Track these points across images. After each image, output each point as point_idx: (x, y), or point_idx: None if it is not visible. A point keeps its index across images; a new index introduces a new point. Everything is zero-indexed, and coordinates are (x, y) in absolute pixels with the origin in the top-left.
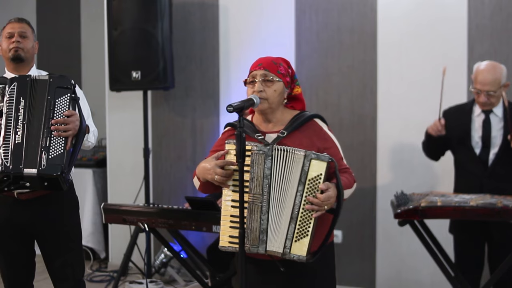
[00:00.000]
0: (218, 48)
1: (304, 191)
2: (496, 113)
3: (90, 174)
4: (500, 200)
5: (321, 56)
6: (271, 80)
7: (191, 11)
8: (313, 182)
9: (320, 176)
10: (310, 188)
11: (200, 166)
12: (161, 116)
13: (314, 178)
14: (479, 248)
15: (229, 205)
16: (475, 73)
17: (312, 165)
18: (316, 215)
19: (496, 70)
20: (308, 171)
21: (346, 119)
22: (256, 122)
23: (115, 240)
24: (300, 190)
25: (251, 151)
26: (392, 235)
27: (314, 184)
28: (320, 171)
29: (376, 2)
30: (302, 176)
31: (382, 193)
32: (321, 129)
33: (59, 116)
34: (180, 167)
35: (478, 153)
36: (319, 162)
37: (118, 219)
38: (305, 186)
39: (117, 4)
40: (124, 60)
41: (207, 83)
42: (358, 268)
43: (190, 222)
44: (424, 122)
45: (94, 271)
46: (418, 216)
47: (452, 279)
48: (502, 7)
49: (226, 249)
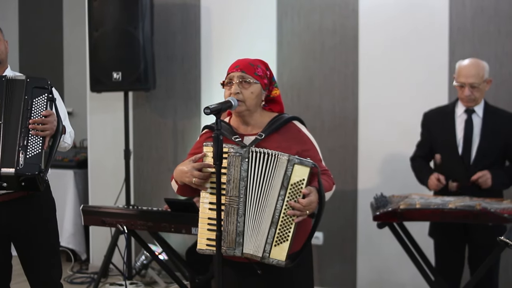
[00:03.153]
0: (200, 49)
1: (286, 196)
2: (478, 113)
3: (71, 175)
4: (479, 203)
5: (303, 58)
6: (248, 82)
7: (173, 12)
8: (295, 187)
9: (302, 181)
10: (292, 193)
11: (178, 169)
12: (142, 117)
13: (296, 183)
14: (459, 251)
15: (206, 208)
16: (458, 69)
17: (295, 170)
18: (297, 220)
19: (479, 64)
20: (291, 176)
21: (328, 121)
22: (234, 125)
23: (96, 241)
24: (282, 195)
25: (228, 153)
26: (373, 237)
27: (297, 189)
28: (303, 176)
29: (358, 4)
30: (284, 181)
31: (363, 195)
32: (299, 131)
33: (36, 115)
34: (161, 169)
35: (460, 154)
36: (302, 167)
37: (97, 221)
38: (287, 190)
39: (99, 5)
40: (105, 61)
41: (188, 84)
42: (339, 270)
43: (170, 224)
44: (406, 125)
45: (75, 273)
46: (397, 219)
47: (432, 283)
48: (483, 10)
49: (204, 252)
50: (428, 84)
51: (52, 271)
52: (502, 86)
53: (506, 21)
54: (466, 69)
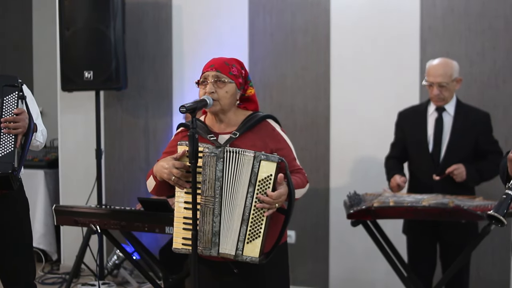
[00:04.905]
0: (172, 48)
1: (255, 193)
2: (448, 111)
3: (42, 175)
4: (452, 200)
5: (275, 57)
6: (223, 81)
7: (145, 10)
8: (263, 183)
9: (270, 177)
10: (260, 189)
11: (159, 164)
12: (113, 116)
13: (264, 179)
14: (431, 248)
15: (182, 207)
16: (428, 68)
17: (262, 166)
18: (267, 214)
19: (448, 63)
20: (258, 172)
21: (300, 120)
22: (209, 123)
23: (67, 241)
24: (251, 192)
25: (203, 153)
26: (345, 235)
27: (265, 185)
28: (270, 171)
29: (329, 3)
30: (252, 178)
31: (336, 194)
32: (273, 129)
33: (8, 114)
34: (133, 168)
35: (430, 151)
36: (269, 163)
37: (69, 220)
38: (255, 187)
39: (70, 4)
40: (76, 60)
41: (160, 84)
42: (311, 268)
43: (143, 223)
44: (377, 123)
45: (46, 273)
46: (371, 217)
47: (405, 279)
48: (453, 9)
49: (179, 251)
50: (400, 83)
51: (26, 271)
52: (473, 84)
53: (476, 20)
54: (434, 68)
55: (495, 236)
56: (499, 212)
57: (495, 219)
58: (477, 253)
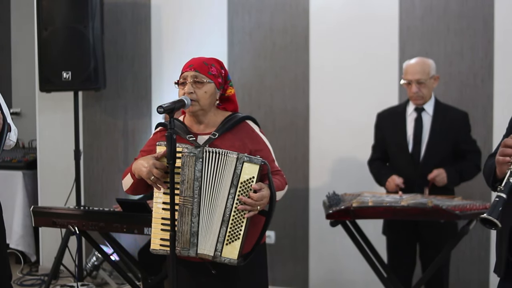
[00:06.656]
0: (150, 48)
1: (236, 194)
2: (427, 111)
3: (20, 176)
4: (430, 200)
5: (254, 57)
6: (202, 81)
7: (123, 10)
8: (245, 185)
9: (252, 179)
10: (242, 191)
11: (138, 163)
12: (92, 117)
13: (246, 181)
14: (410, 248)
15: (160, 208)
16: (405, 67)
17: (244, 168)
18: (248, 215)
19: (425, 61)
20: (240, 174)
21: (279, 120)
22: (188, 123)
23: (46, 243)
24: (232, 193)
25: (182, 153)
26: (325, 235)
27: (246, 187)
28: (253, 174)
29: (308, 3)
30: (234, 179)
31: (315, 194)
32: (253, 130)
33: None
34: (112, 169)
35: (410, 152)
36: (252, 165)
37: (48, 222)
38: (237, 189)
39: (47, 3)
40: (55, 60)
41: (139, 84)
42: (291, 269)
43: (122, 224)
44: (356, 123)
45: (25, 275)
46: (350, 217)
47: (384, 279)
48: (432, 9)
49: (157, 252)
50: (379, 83)
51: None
52: (452, 83)
53: (455, 20)
54: (412, 66)
55: (474, 235)
56: (492, 215)
57: (489, 223)
58: (457, 253)
